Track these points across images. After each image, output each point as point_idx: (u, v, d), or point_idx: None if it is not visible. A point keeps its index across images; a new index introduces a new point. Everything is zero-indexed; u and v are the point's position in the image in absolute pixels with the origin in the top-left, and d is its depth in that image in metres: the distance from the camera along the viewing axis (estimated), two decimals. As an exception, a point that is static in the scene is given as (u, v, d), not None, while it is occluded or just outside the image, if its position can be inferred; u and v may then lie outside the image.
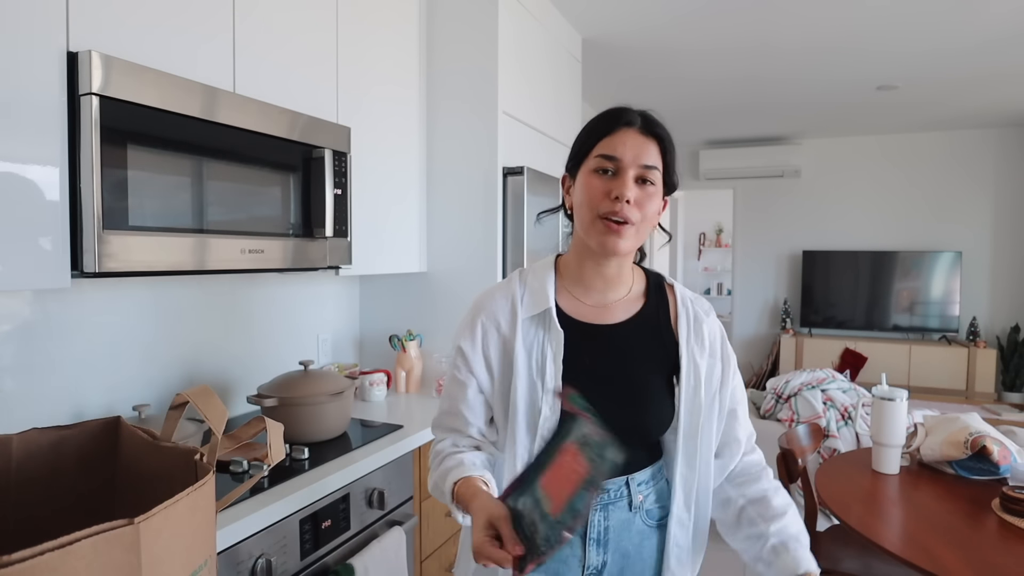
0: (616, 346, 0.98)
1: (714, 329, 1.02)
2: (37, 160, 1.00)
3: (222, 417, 0.82)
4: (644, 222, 0.93)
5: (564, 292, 1.01)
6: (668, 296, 1.03)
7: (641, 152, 0.91)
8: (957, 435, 1.83)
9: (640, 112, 0.95)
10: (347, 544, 1.40)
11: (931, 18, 2.71)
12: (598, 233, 0.92)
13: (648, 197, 0.92)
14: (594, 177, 0.93)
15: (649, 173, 0.91)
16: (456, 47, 2.15)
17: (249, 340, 1.86)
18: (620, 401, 0.94)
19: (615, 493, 0.96)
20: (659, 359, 0.99)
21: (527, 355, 0.95)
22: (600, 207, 0.91)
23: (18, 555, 0.50)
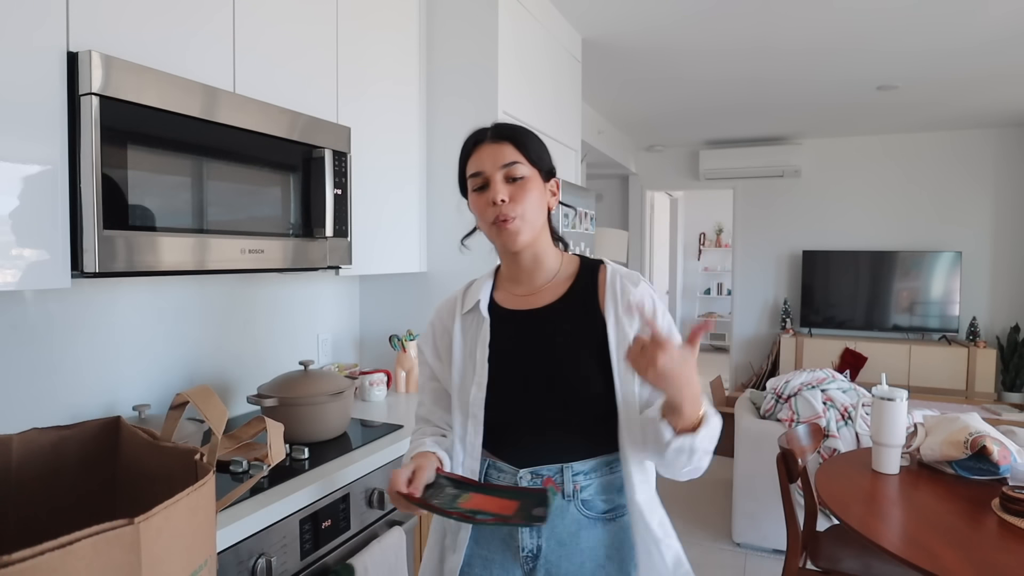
0: (542, 327, 1.05)
1: (643, 297, 1.04)
2: (37, 160, 1.00)
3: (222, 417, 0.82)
4: (528, 209, 1.01)
5: (501, 289, 1.12)
6: (600, 276, 1.08)
7: (498, 156, 1.01)
8: (957, 435, 1.83)
9: (493, 125, 1.06)
10: (347, 544, 1.40)
11: (931, 18, 2.71)
12: (496, 236, 1.03)
13: (521, 189, 1.01)
14: (475, 195, 1.04)
15: (513, 169, 1.01)
16: (456, 47, 2.15)
17: (249, 340, 1.86)
18: (547, 377, 1.01)
19: (549, 478, 1.00)
20: (588, 336, 1.03)
21: (463, 343, 1.08)
22: (487, 216, 1.02)
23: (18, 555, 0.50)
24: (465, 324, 1.10)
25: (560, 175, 2.75)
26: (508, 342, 1.05)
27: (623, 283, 1.05)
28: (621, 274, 1.07)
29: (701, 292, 8.67)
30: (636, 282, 1.06)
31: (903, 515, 1.62)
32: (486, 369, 1.03)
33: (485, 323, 1.06)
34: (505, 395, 1.02)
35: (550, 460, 1.00)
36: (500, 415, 1.02)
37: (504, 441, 1.03)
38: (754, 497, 2.88)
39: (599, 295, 1.06)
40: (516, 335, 1.06)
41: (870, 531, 1.50)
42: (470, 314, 1.10)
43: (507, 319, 1.07)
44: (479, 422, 1.02)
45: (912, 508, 1.66)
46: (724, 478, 3.81)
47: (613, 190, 6.45)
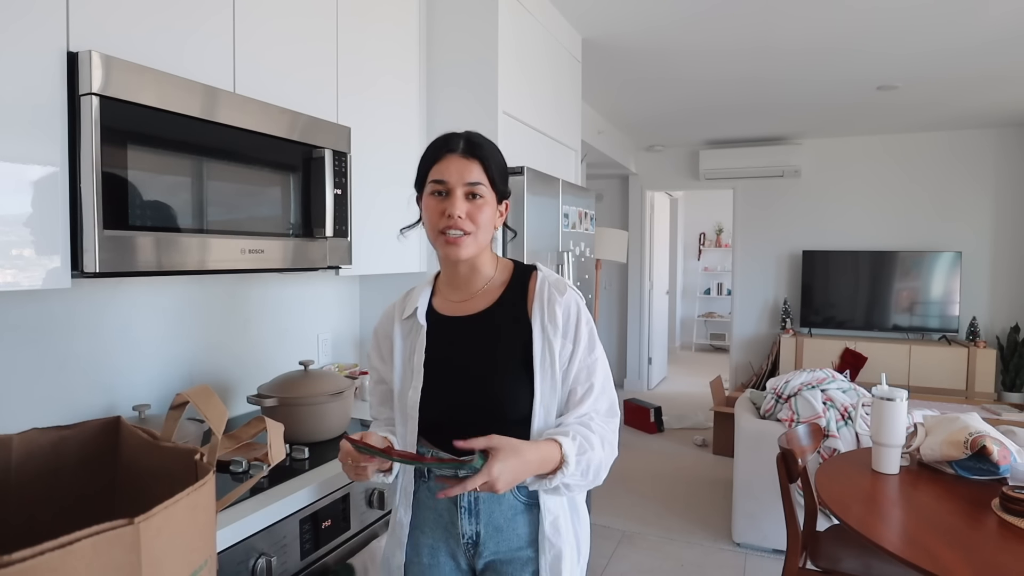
0: (473, 333, 1.10)
1: (568, 306, 1.08)
2: (37, 160, 1.00)
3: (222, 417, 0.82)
4: (480, 229, 1.06)
5: (439, 295, 1.17)
6: (531, 283, 1.12)
7: (464, 172, 1.05)
8: (957, 435, 1.83)
9: (465, 136, 1.09)
10: (347, 544, 1.40)
11: (931, 18, 2.71)
12: (441, 246, 1.07)
13: (478, 208, 1.06)
14: (431, 199, 1.08)
15: (475, 188, 1.06)
16: (456, 46, 2.15)
17: (249, 340, 1.86)
18: (475, 382, 1.07)
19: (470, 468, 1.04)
20: (513, 341, 1.08)
21: (402, 347, 1.15)
22: (438, 224, 1.06)
23: (18, 555, 0.50)
24: (404, 330, 1.16)
25: (560, 175, 2.76)
26: (443, 348, 1.11)
27: (550, 291, 1.09)
28: (550, 281, 1.11)
29: (701, 292, 8.67)
30: (563, 290, 1.10)
31: (903, 515, 1.62)
32: (422, 374, 1.09)
33: (422, 330, 1.12)
34: (438, 398, 1.08)
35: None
36: (434, 416, 1.08)
37: (439, 438, 1.08)
38: (754, 497, 2.88)
39: (528, 302, 1.10)
40: (450, 341, 1.11)
41: (870, 531, 1.50)
42: (409, 320, 1.16)
43: (443, 325, 1.13)
44: (415, 422, 1.09)
45: (912, 508, 1.66)
46: (724, 478, 3.81)
47: (613, 190, 6.45)
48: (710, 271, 8.62)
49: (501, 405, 1.05)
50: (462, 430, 1.00)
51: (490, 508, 1.07)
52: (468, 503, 1.07)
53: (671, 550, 2.94)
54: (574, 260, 2.51)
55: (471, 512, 1.08)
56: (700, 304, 8.71)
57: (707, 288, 8.65)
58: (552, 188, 2.33)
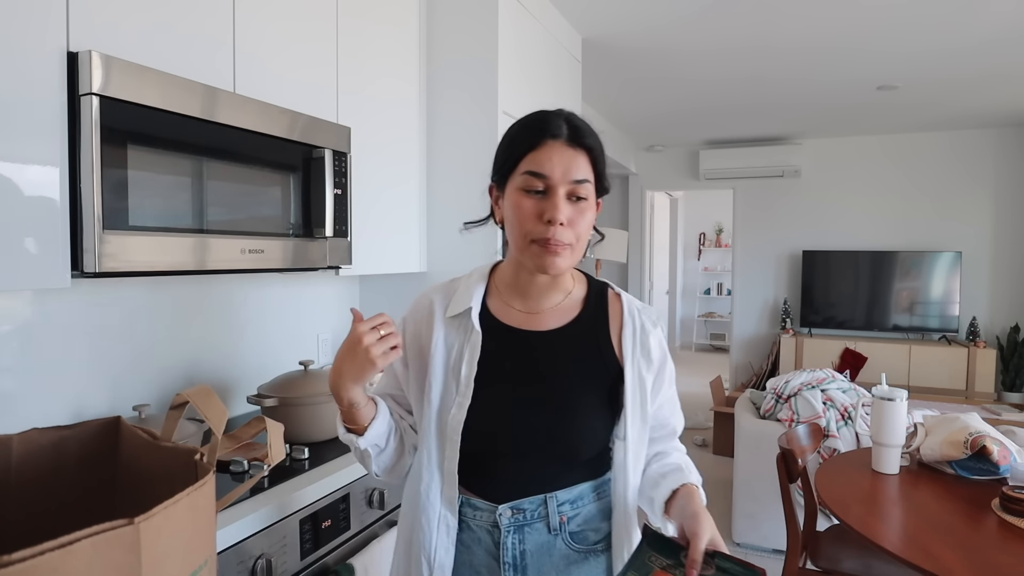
0: (543, 354, 0.93)
1: (661, 340, 0.97)
2: (37, 160, 1.00)
3: (222, 417, 0.82)
4: (581, 239, 0.89)
5: (496, 296, 0.98)
6: (611, 305, 0.98)
7: (571, 167, 0.86)
8: (957, 435, 1.83)
9: (566, 117, 0.90)
10: (347, 544, 1.40)
11: (931, 18, 2.71)
12: (533, 256, 0.88)
13: (581, 213, 0.88)
14: (523, 196, 0.87)
15: (580, 188, 0.87)
16: (456, 46, 2.15)
17: (249, 340, 1.86)
18: (542, 411, 0.90)
19: (531, 513, 0.90)
20: (593, 370, 0.93)
21: (445, 353, 0.94)
22: (533, 231, 0.86)
23: (18, 555, 0.50)
24: (449, 332, 0.95)
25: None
26: (500, 363, 0.92)
27: (642, 320, 0.96)
28: (637, 308, 0.98)
29: (701, 292, 8.67)
30: (655, 322, 0.98)
31: (903, 515, 1.62)
32: (471, 390, 0.90)
33: (475, 335, 0.92)
34: (489, 423, 0.90)
35: (531, 491, 0.90)
36: (479, 443, 0.90)
37: (479, 471, 0.92)
38: (754, 497, 2.88)
39: (611, 328, 0.96)
40: (511, 356, 0.93)
41: (870, 531, 1.50)
42: (457, 320, 0.96)
43: (503, 335, 0.94)
44: (456, 447, 0.90)
45: (912, 508, 1.66)
46: (724, 478, 3.80)
47: (613, 190, 6.40)
48: (710, 271, 8.62)
49: (577, 443, 0.90)
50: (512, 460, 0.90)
51: (538, 560, 0.90)
52: (513, 557, 0.90)
53: (671, 550, 2.94)
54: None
55: (516, 568, 0.90)
56: (700, 304, 8.70)
57: (707, 288, 8.65)
58: (552, 188, 2.33)
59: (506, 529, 0.89)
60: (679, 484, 0.90)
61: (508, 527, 0.89)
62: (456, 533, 0.92)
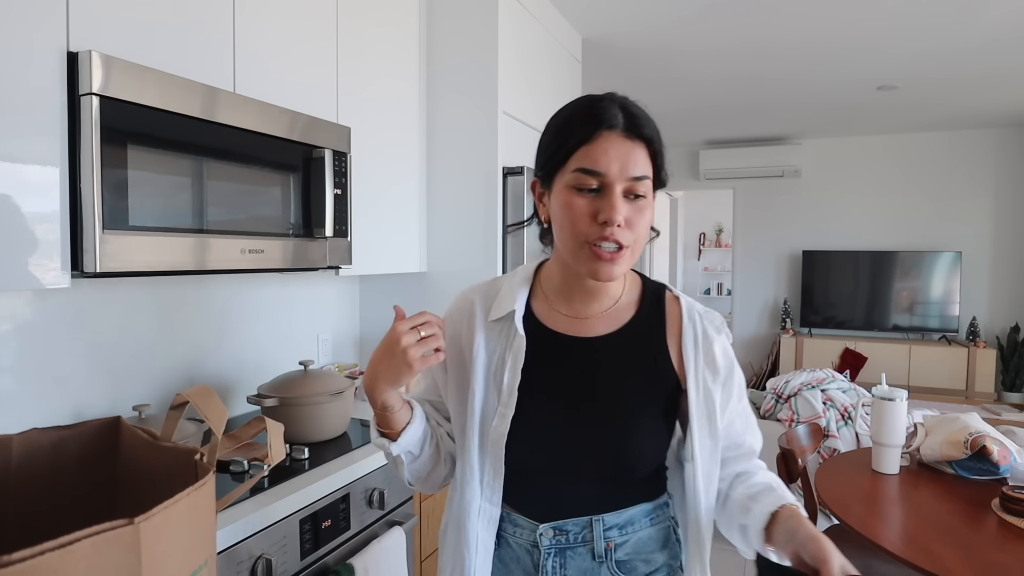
0: (591, 363, 0.85)
1: (726, 348, 0.87)
2: (37, 160, 1.00)
3: (222, 417, 0.82)
4: (639, 241, 0.80)
5: (541, 299, 0.90)
6: (669, 309, 0.89)
7: (628, 161, 0.77)
8: (957, 435, 1.83)
9: (620, 104, 0.80)
10: (347, 544, 1.40)
11: (931, 18, 2.71)
12: (587, 260, 0.79)
13: (639, 212, 0.78)
14: (575, 196, 0.78)
15: (639, 185, 0.77)
16: (456, 46, 2.15)
17: (249, 340, 1.86)
18: (589, 426, 0.82)
19: (575, 536, 0.83)
20: (647, 381, 0.85)
21: (487, 360, 0.87)
22: (588, 233, 0.77)
23: (18, 555, 0.50)
24: (490, 336, 0.88)
25: (560, 175, 2.76)
26: (546, 371, 0.85)
27: (704, 326, 0.87)
28: (699, 312, 0.88)
29: (701, 292, 8.67)
30: (720, 327, 0.87)
31: (903, 515, 1.62)
32: (514, 399, 0.83)
33: (519, 340, 0.85)
34: (531, 436, 0.83)
35: (576, 512, 0.83)
36: (521, 458, 0.84)
37: (520, 487, 0.86)
38: (754, 497, 2.87)
39: (668, 335, 0.87)
40: (558, 364, 0.85)
41: (870, 531, 1.50)
42: (500, 324, 0.88)
43: (548, 342, 0.86)
44: (501, 463, 0.83)
45: (912, 508, 1.66)
46: (724, 478, 3.79)
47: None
48: (710, 271, 8.62)
49: (627, 462, 0.82)
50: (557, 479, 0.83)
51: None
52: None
53: (671, 550, 2.94)
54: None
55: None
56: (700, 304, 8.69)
57: (707, 288, 8.64)
58: (552, 188, 2.33)
59: (546, 551, 0.83)
60: (777, 506, 0.79)
61: (549, 549, 0.83)
62: (494, 554, 0.86)
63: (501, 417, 0.83)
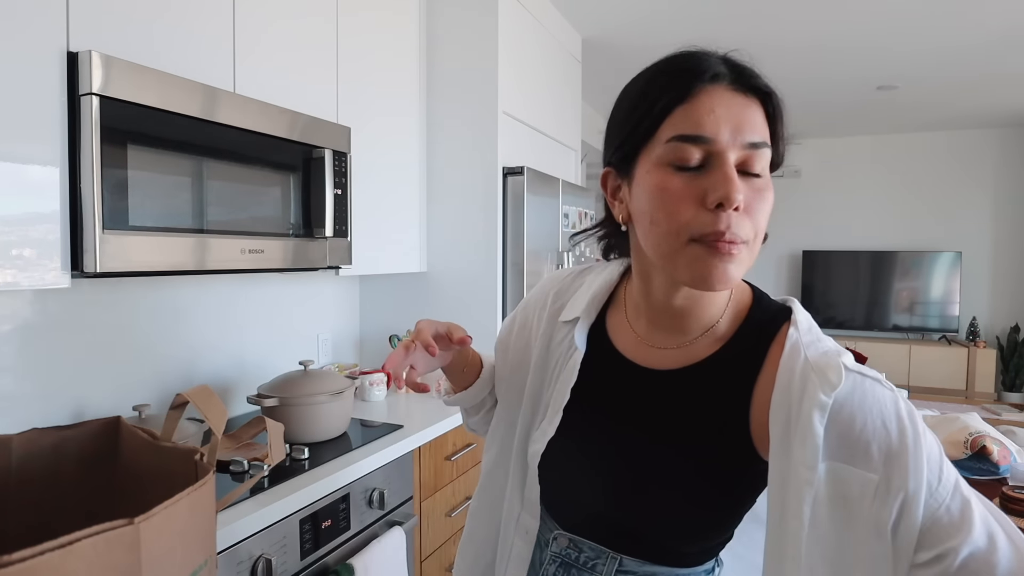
0: (645, 402, 0.67)
1: (854, 414, 0.55)
2: (37, 160, 1.00)
3: (222, 417, 0.82)
4: (759, 237, 0.59)
5: (619, 310, 0.73)
6: (775, 345, 0.62)
7: (743, 122, 0.56)
8: (957, 435, 1.83)
9: (722, 57, 0.60)
10: (347, 544, 1.40)
11: (931, 18, 2.71)
12: (692, 263, 0.57)
13: (759, 195, 0.57)
14: (671, 175, 0.57)
15: (758, 156, 0.57)
16: (456, 47, 2.15)
17: (249, 340, 1.86)
18: (616, 476, 0.67)
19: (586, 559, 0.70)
20: (704, 445, 0.63)
21: (542, 365, 0.75)
22: (693, 223, 0.56)
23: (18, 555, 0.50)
24: (555, 337, 0.75)
25: (560, 175, 2.75)
26: (595, 398, 0.70)
27: (805, 377, 0.56)
28: (809, 356, 0.58)
29: (701, 292, 8.66)
30: (835, 380, 0.55)
31: (903, 515, 1.62)
32: (558, 419, 0.70)
33: (576, 355, 0.71)
34: (564, 462, 0.71)
35: (597, 539, 0.70)
36: (552, 477, 0.72)
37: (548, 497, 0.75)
38: (754, 497, 2.87)
39: (759, 384, 0.61)
40: (610, 395, 0.69)
41: (870, 531, 1.50)
42: (565, 327, 0.74)
43: (609, 364, 0.70)
44: (535, 478, 0.73)
45: (912, 508, 1.65)
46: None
47: (613, 190, 6.45)
48: (710, 271, 8.61)
49: (653, 536, 0.66)
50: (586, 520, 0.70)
51: None
52: None
53: (671, 550, 2.94)
54: (574, 261, 2.51)
55: None
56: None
57: (707, 288, 8.64)
58: (552, 188, 2.33)
59: (552, 557, 0.72)
60: None
61: (555, 557, 0.72)
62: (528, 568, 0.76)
63: (542, 433, 0.72)
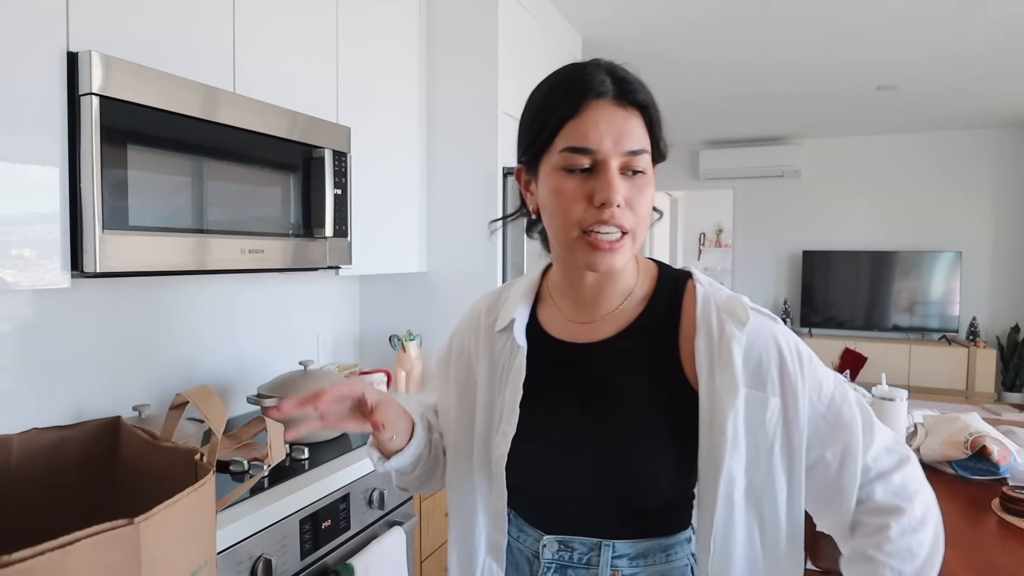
0: (588, 373, 0.75)
1: (753, 344, 0.70)
2: (37, 160, 1.00)
3: (222, 417, 0.82)
4: (641, 223, 0.69)
5: (548, 304, 0.81)
6: (687, 301, 0.75)
7: (623, 133, 0.67)
8: (957, 435, 1.83)
9: (608, 69, 0.71)
10: (347, 544, 1.40)
11: (932, 18, 2.71)
12: (583, 251, 0.69)
13: (640, 191, 0.69)
14: (565, 178, 0.68)
15: (637, 160, 0.68)
16: (456, 47, 2.15)
17: (249, 340, 1.86)
18: (586, 447, 0.73)
19: (580, 556, 0.74)
20: (651, 393, 0.72)
21: (490, 374, 0.80)
22: (583, 219, 0.67)
23: (18, 555, 0.50)
24: (495, 348, 0.81)
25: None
26: (550, 384, 0.76)
27: (720, 319, 0.70)
28: (718, 302, 0.72)
29: (701, 292, 8.66)
30: (743, 318, 0.70)
31: (903, 515, 1.62)
32: (516, 416, 0.75)
33: (520, 353, 0.77)
34: (531, 458, 0.75)
35: (585, 532, 0.74)
36: (522, 480, 0.76)
37: (527, 504, 0.79)
38: (754, 497, 2.88)
39: (681, 334, 0.73)
40: (559, 375, 0.76)
41: (870, 531, 1.50)
42: (503, 335, 0.80)
43: (552, 351, 0.77)
44: (502, 482, 0.75)
45: (912, 508, 1.65)
46: (724, 478, 3.80)
47: (613, 190, 6.45)
48: (710, 271, 8.60)
49: (629, 491, 0.71)
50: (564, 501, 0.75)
51: None
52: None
53: (671, 550, 2.94)
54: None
55: None
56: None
57: (707, 288, 8.64)
58: (552, 188, 2.33)
59: (546, 564, 0.75)
60: None
61: (549, 563, 0.75)
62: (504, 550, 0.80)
63: (503, 436, 0.75)
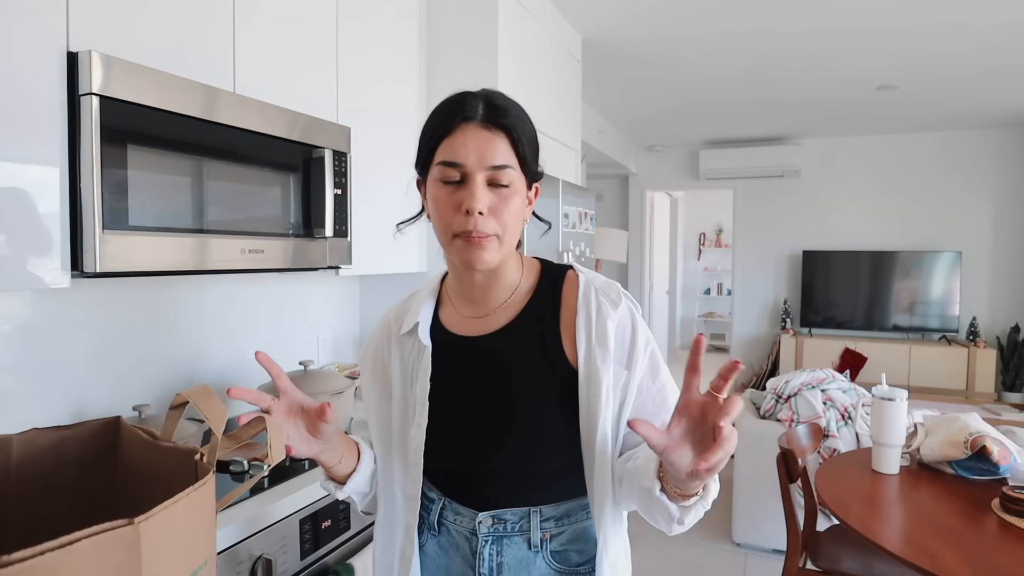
0: (486, 360, 0.86)
1: (626, 324, 0.83)
2: (37, 160, 1.00)
3: (222, 417, 0.82)
4: (507, 229, 0.80)
5: (448, 305, 0.92)
6: (567, 290, 0.87)
7: (487, 151, 0.78)
8: (957, 435, 1.83)
9: (485, 96, 0.82)
10: (347, 544, 1.40)
11: (932, 18, 2.71)
12: (459, 251, 0.80)
13: (504, 201, 0.79)
14: (440, 188, 0.80)
15: (501, 175, 0.79)
16: (456, 46, 2.15)
17: (249, 340, 1.86)
18: (492, 425, 0.83)
19: (512, 525, 0.85)
20: (541, 370, 0.83)
21: (402, 374, 0.90)
22: (453, 224, 0.79)
23: (18, 555, 0.50)
24: (404, 351, 0.91)
25: (560, 175, 2.76)
26: (455, 376, 0.87)
27: (599, 301, 0.84)
28: (596, 287, 0.86)
29: (701, 292, 8.67)
30: (616, 300, 0.84)
31: (903, 515, 1.62)
32: (426, 409, 0.85)
33: (425, 352, 0.87)
34: (448, 442, 0.85)
35: (514, 503, 0.85)
36: (443, 463, 0.87)
37: (455, 486, 0.89)
38: (754, 497, 2.88)
39: (562, 318, 0.85)
40: (464, 367, 0.87)
41: (870, 531, 1.50)
42: (409, 337, 0.91)
43: (454, 346, 0.88)
44: (418, 470, 0.86)
45: (912, 508, 1.66)
46: (724, 478, 3.80)
47: (613, 190, 6.45)
48: (710, 271, 8.62)
49: (531, 451, 0.82)
50: (483, 477, 0.85)
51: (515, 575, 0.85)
52: (489, 569, 0.85)
53: (671, 550, 2.94)
54: (574, 260, 2.51)
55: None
56: (700, 304, 8.70)
57: (707, 288, 8.65)
58: (552, 188, 2.33)
59: (484, 538, 0.85)
60: None
61: (486, 536, 0.85)
62: (435, 541, 0.90)
63: (418, 428, 0.85)
